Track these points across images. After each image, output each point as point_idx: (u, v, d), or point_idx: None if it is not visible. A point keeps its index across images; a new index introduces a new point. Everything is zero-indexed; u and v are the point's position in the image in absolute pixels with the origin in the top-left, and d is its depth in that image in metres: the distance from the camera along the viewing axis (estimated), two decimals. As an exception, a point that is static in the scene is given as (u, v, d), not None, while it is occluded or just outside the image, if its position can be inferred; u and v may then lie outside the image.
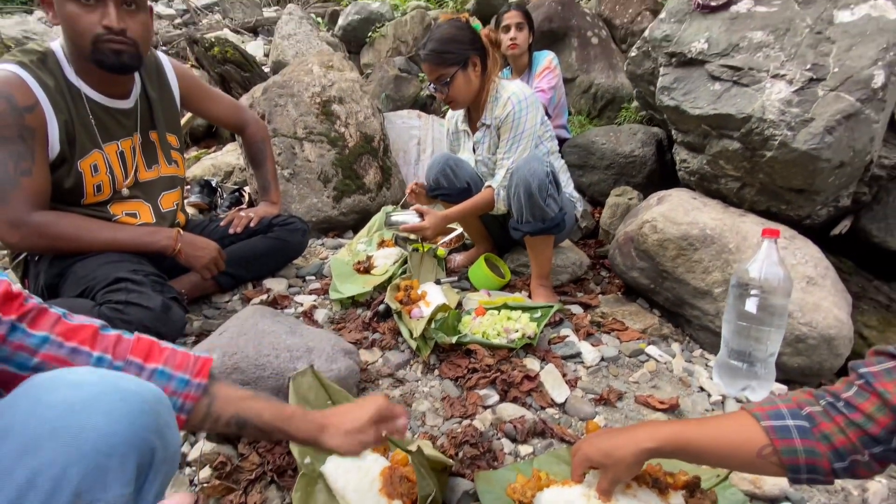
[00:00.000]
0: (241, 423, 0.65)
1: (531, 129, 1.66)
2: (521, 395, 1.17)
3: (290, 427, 0.67)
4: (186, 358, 0.63)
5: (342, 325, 1.46)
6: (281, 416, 0.66)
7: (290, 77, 2.35)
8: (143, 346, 0.62)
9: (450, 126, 1.95)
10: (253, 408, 0.65)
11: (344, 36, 4.55)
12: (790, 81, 1.41)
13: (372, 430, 0.72)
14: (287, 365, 0.96)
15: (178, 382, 0.62)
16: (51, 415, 0.46)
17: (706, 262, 1.45)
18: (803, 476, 0.61)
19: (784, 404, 0.65)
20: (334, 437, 0.69)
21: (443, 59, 1.59)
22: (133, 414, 0.49)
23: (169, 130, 1.52)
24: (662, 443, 0.72)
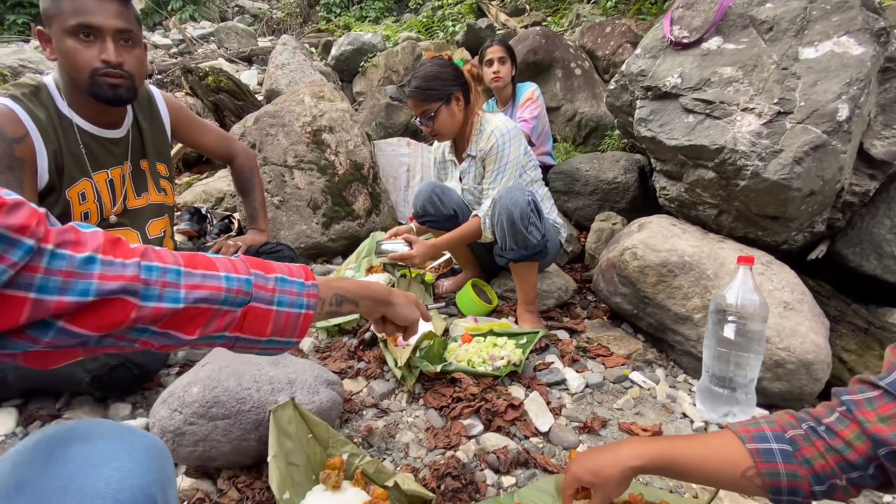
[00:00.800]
0: (339, 301, 0.67)
1: (514, 160, 1.71)
2: (505, 424, 1.18)
3: (370, 291, 0.72)
4: (290, 266, 0.64)
5: (328, 354, 1.47)
6: (361, 285, 0.72)
7: (281, 107, 2.40)
8: (255, 260, 0.61)
9: (437, 155, 2.01)
10: (342, 286, 0.68)
11: (337, 65, 4.67)
12: (759, 114, 1.48)
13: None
14: (268, 398, 0.96)
15: (298, 286, 0.61)
16: (65, 472, 0.46)
17: (686, 289, 1.48)
18: (784, 497, 0.63)
19: (768, 426, 0.67)
20: (399, 297, 0.76)
21: (426, 96, 1.66)
22: (141, 470, 0.49)
23: (159, 160, 1.55)
24: (648, 461, 0.74)
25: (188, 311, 0.51)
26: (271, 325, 0.58)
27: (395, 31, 5.48)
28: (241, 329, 0.57)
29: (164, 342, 0.52)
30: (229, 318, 0.55)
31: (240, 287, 0.55)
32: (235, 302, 0.55)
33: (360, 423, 1.18)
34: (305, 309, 0.61)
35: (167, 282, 0.50)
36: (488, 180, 1.74)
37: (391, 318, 0.77)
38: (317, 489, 0.89)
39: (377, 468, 0.96)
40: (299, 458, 0.91)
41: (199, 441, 0.92)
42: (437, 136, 1.74)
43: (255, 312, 0.57)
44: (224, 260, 0.57)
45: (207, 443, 0.92)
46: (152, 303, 0.49)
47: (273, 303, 0.58)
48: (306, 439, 0.94)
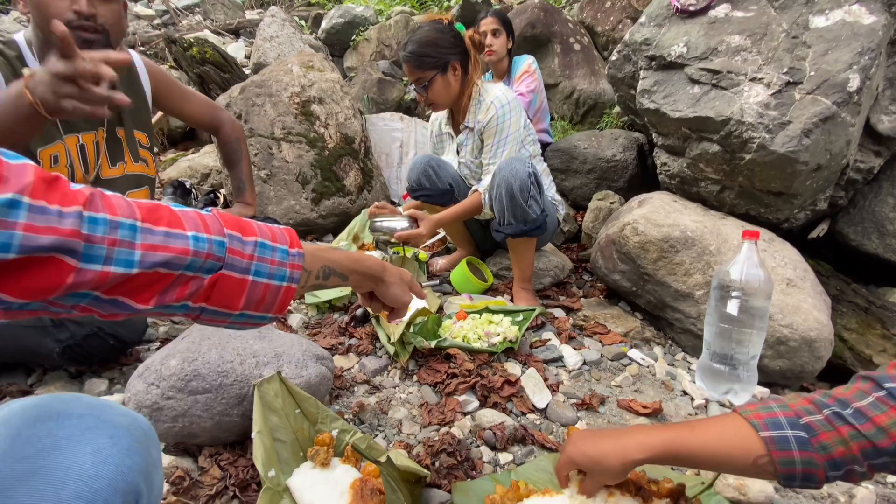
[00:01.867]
0: (327, 273, 0.60)
1: (515, 132, 1.64)
2: (501, 400, 1.14)
3: (362, 265, 0.66)
4: (272, 229, 0.55)
5: (317, 331, 1.41)
6: (352, 258, 0.65)
7: (268, 77, 2.29)
8: (231, 218, 0.51)
9: (433, 128, 1.92)
10: (332, 258, 0.61)
11: (327, 39, 4.51)
12: (768, 85, 1.42)
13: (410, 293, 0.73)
14: (252, 371, 0.91)
15: (281, 254, 0.53)
16: (31, 453, 0.40)
17: (687, 265, 1.44)
18: (797, 483, 0.61)
19: (781, 412, 0.63)
20: (393, 276, 0.69)
21: (422, 63, 1.57)
22: (121, 454, 0.43)
23: (137, 127, 1.46)
24: (653, 454, 0.70)
25: (143, 277, 0.42)
26: (245, 298, 0.50)
27: (388, 4, 5.30)
28: (208, 299, 0.48)
29: (109, 310, 0.43)
30: (194, 286, 0.46)
31: (210, 250, 0.46)
32: (203, 268, 0.46)
33: (351, 399, 1.13)
34: (287, 282, 0.53)
35: (117, 239, 0.40)
36: (488, 155, 1.67)
37: (380, 296, 0.70)
38: (304, 466, 0.84)
39: (369, 444, 0.92)
40: (286, 434, 0.86)
41: (177, 416, 0.87)
42: (432, 105, 1.67)
43: (226, 282, 0.48)
44: (193, 214, 0.48)
45: (187, 418, 0.86)
46: (96, 265, 0.39)
47: (249, 272, 0.49)
48: (293, 415, 0.89)
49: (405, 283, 0.72)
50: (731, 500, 0.90)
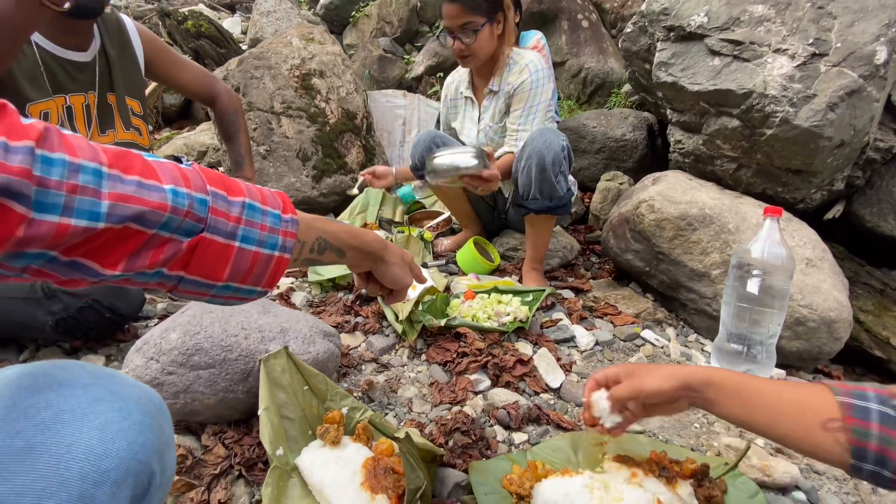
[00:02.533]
0: (322, 246, 0.54)
1: (546, 102, 1.57)
2: (513, 379, 1.10)
3: (361, 241, 0.60)
4: (262, 190, 0.48)
5: (322, 309, 1.36)
6: (352, 232, 0.59)
7: (267, 49, 2.20)
8: (215, 175, 0.44)
9: (448, 92, 1.81)
10: (329, 230, 0.55)
11: (326, 15, 4.38)
12: (792, 56, 1.36)
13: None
14: (258, 346, 0.86)
15: (272, 218, 0.46)
16: (28, 425, 0.35)
17: (705, 243, 1.39)
18: (867, 466, 0.52)
19: (872, 388, 0.56)
20: (394, 255, 0.64)
21: (477, 5, 1.44)
22: (133, 430, 0.38)
23: (129, 94, 1.39)
24: (714, 381, 0.61)
25: (110, 233, 0.35)
26: (230, 268, 0.43)
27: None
28: (187, 267, 0.41)
29: (68, 274, 0.36)
30: (170, 250, 0.39)
31: (191, 207, 0.39)
32: (182, 228, 0.39)
33: (359, 377, 1.09)
34: (279, 251, 0.46)
35: (79, 185, 0.33)
36: (516, 120, 1.57)
37: (379, 276, 0.64)
38: (314, 445, 0.80)
39: (380, 422, 0.88)
40: (294, 412, 0.82)
41: (179, 393, 0.82)
42: (468, 58, 1.54)
43: (208, 247, 0.41)
44: (170, 165, 0.40)
45: (189, 395, 0.82)
46: (52, 216, 0.32)
47: (236, 237, 0.43)
48: (301, 391, 0.84)
49: (406, 263, 0.67)
50: (755, 480, 0.87)
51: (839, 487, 0.92)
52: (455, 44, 1.51)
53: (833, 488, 0.92)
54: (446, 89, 1.82)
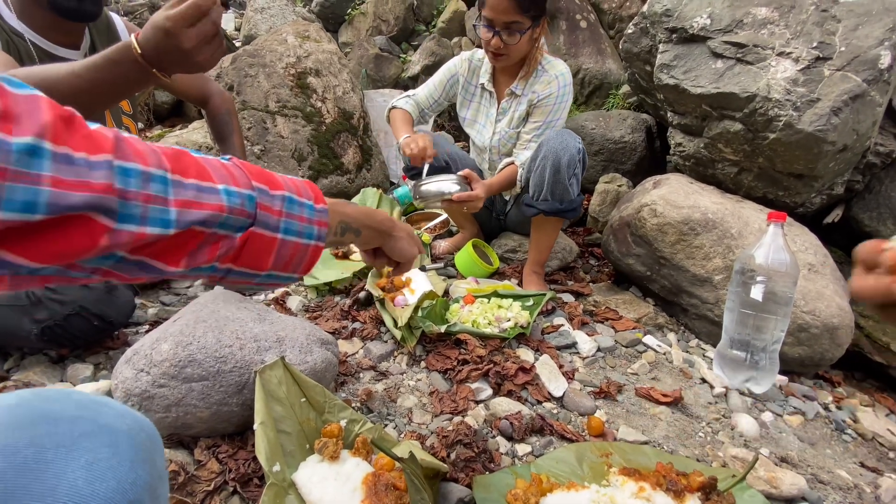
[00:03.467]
0: (343, 229, 0.58)
1: (565, 117, 1.55)
2: (515, 388, 1.08)
3: (373, 220, 0.63)
4: (296, 182, 0.51)
5: (318, 314, 1.33)
6: (366, 212, 0.62)
7: (262, 46, 2.16)
8: (255, 169, 0.47)
9: (462, 71, 1.66)
10: (347, 212, 0.58)
11: (321, 12, 4.33)
12: (796, 60, 1.35)
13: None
14: (253, 357, 0.83)
15: (309, 210, 0.49)
16: (8, 466, 0.31)
17: (707, 248, 1.38)
18: None
19: None
20: (401, 230, 0.68)
21: (529, 5, 1.35)
22: (124, 467, 0.35)
23: None
24: None
25: (179, 237, 0.38)
26: (274, 257, 0.47)
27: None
28: (237, 260, 0.44)
29: (135, 273, 0.38)
30: (225, 246, 0.42)
31: (242, 206, 0.42)
32: (235, 225, 0.42)
33: (357, 386, 1.06)
34: (315, 240, 0.50)
35: (152, 195, 0.35)
36: (533, 131, 1.54)
37: (388, 251, 0.68)
38: (311, 460, 0.77)
39: (380, 435, 0.85)
40: (291, 425, 0.79)
41: (170, 406, 0.79)
42: (503, 57, 1.44)
43: (257, 240, 0.44)
44: (217, 164, 0.43)
45: (181, 408, 0.78)
46: (132, 226, 0.34)
47: (279, 229, 0.46)
48: (299, 404, 0.81)
49: (412, 237, 0.70)
50: (763, 493, 0.85)
51: (844, 497, 0.91)
52: (494, 39, 1.39)
53: (839, 498, 0.90)
54: (462, 64, 1.65)
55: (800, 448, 1.06)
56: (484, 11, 1.39)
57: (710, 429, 1.07)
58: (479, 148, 1.76)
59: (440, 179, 1.34)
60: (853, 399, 1.32)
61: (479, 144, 1.74)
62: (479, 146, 1.75)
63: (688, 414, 1.11)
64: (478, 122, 1.71)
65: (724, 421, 1.10)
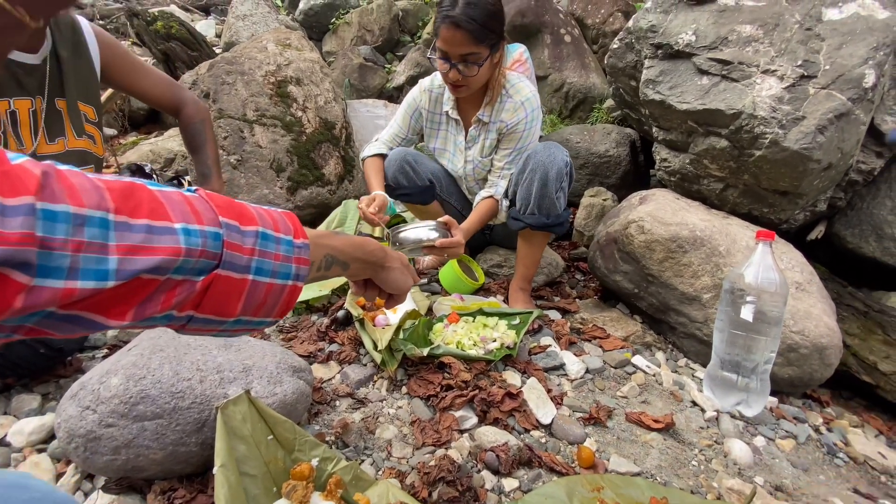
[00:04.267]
0: (329, 263, 0.53)
1: (536, 139, 1.51)
2: (502, 416, 1.02)
3: (363, 252, 0.58)
4: (272, 214, 0.45)
5: (293, 335, 1.26)
6: (355, 243, 0.57)
7: (240, 53, 2.10)
8: (223, 202, 0.41)
9: (424, 101, 1.60)
10: (334, 245, 0.54)
11: (305, 21, 4.28)
12: (781, 77, 1.35)
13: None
14: (215, 391, 0.76)
15: (286, 246, 0.44)
16: None
17: (696, 266, 1.35)
18: None
19: None
20: (395, 261, 0.64)
21: (484, 35, 1.27)
22: None
23: (82, 99, 1.27)
24: None
25: (121, 288, 0.32)
26: (243, 301, 0.41)
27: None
28: (199, 307, 0.38)
29: (68, 329, 0.32)
30: (183, 293, 0.36)
31: (205, 246, 0.36)
32: (196, 268, 0.36)
33: (333, 416, 0.99)
34: (293, 280, 0.44)
35: (85, 242, 0.29)
36: (504, 159, 1.51)
37: (380, 283, 0.63)
38: (279, 505, 0.70)
39: (355, 475, 0.78)
40: (256, 467, 0.72)
41: (120, 448, 0.71)
42: (461, 88, 1.38)
43: (222, 284, 0.39)
44: (177, 197, 0.36)
45: (132, 449, 0.70)
46: (56, 281, 0.28)
47: (250, 270, 0.41)
48: (265, 442, 0.74)
49: (405, 267, 0.66)
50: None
51: (846, 533, 0.87)
52: (451, 72, 1.32)
53: (840, 534, 0.87)
54: (421, 96, 1.59)
55: (794, 475, 1.03)
56: (438, 43, 1.32)
57: (703, 456, 1.03)
58: (454, 176, 1.72)
59: (418, 226, 1.29)
60: (843, 420, 1.30)
61: (452, 173, 1.70)
62: (453, 175, 1.71)
63: (680, 440, 1.07)
64: (447, 150, 1.66)
65: (716, 447, 1.06)
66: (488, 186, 1.58)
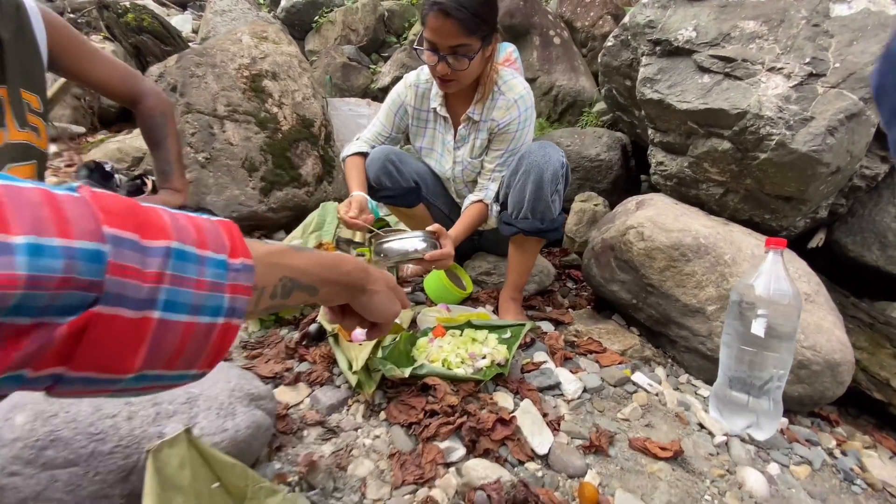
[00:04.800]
0: (287, 288, 0.40)
1: (529, 141, 1.40)
2: (493, 446, 0.90)
3: (338, 273, 0.46)
4: (198, 223, 0.32)
5: (258, 353, 1.12)
6: (326, 262, 0.45)
7: (213, 45, 1.96)
8: (118, 205, 0.28)
9: (409, 97, 1.48)
10: (295, 265, 0.41)
11: (287, 18, 4.15)
12: (788, 76, 1.27)
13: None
14: (147, 430, 0.62)
15: (215, 268, 0.31)
16: None
17: (699, 276, 1.26)
18: None
19: None
20: (379, 283, 0.52)
21: (476, 26, 1.18)
22: None
23: (26, 87, 1.13)
24: None
25: None
26: (146, 351, 0.29)
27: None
28: (71, 361, 0.26)
29: None
30: (35, 343, 0.24)
31: (71, 270, 0.25)
32: (56, 306, 0.25)
33: (299, 449, 0.86)
34: (226, 316, 0.32)
35: None
36: (496, 161, 1.41)
37: (361, 309, 0.51)
38: (222, 573, 0.57)
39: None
40: (195, 524, 0.58)
41: (25, 500, 0.57)
42: (451, 83, 1.28)
43: (107, 326, 0.27)
44: (34, 197, 0.25)
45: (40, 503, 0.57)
46: None
47: (155, 305, 0.28)
48: (209, 492, 0.61)
49: (392, 289, 0.54)
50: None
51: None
52: (440, 65, 1.22)
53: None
54: (406, 91, 1.48)
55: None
56: (425, 33, 1.21)
57: (715, 489, 0.92)
58: (441, 178, 1.61)
59: (404, 237, 1.17)
60: (855, 441, 1.21)
61: (440, 175, 1.58)
62: (440, 177, 1.60)
63: (689, 470, 0.96)
64: (434, 150, 1.54)
65: (729, 478, 0.96)
66: (478, 189, 1.48)
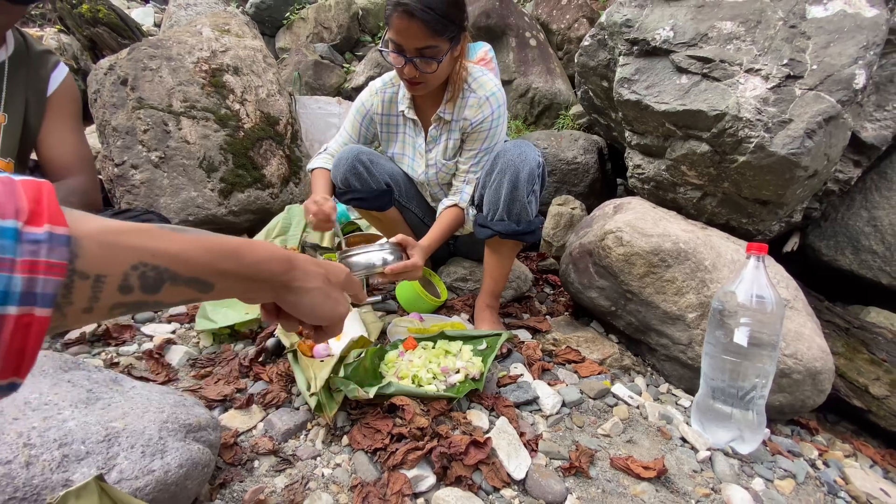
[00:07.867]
0: (150, 279, 0.30)
1: (503, 139, 1.35)
2: (466, 472, 0.82)
3: (241, 262, 0.36)
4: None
5: (208, 371, 1.01)
6: (220, 248, 0.35)
7: (169, 37, 1.83)
8: None
9: (374, 109, 1.43)
10: (168, 250, 0.31)
11: (256, 14, 4.00)
12: (766, 77, 1.25)
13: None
14: (50, 477, 0.52)
15: (8, 239, 0.24)
16: None
17: (680, 282, 1.22)
18: None
19: None
20: (309, 277, 0.43)
21: (443, 27, 1.12)
22: None
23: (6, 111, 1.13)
24: None
25: None
26: None
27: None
28: None
29: None
30: None
31: None
32: None
33: (248, 483, 0.76)
34: (19, 304, 0.24)
35: None
36: (469, 161, 1.35)
37: (291, 310, 0.45)
38: None
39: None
40: (104, 593, 0.49)
41: None
42: (421, 85, 1.23)
43: None
44: None
45: None
46: None
47: None
48: (123, 551, 0.51)
49: (334, 286, 0.46)
50: None
51: None
52: (407, 68, 1.17)
53: None
54: (371, 100, 1.43)
55: (800, 526, 0.89)
56: (390, 34, 1.15)
57: None
58: (416, 182, 1.53)
59: (370, 249, 1.12)
60: (836, 451, 1.19)
61: (414, 179, 1.51)
62: (414, 181, 1.52)
63: (673, 490, 0.91)
64: (406, 154, 1.47)
65: (714, 497, 0.91)
66: (452, 193, 1.41)
